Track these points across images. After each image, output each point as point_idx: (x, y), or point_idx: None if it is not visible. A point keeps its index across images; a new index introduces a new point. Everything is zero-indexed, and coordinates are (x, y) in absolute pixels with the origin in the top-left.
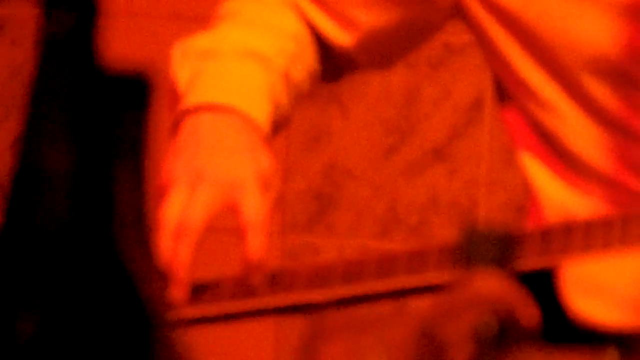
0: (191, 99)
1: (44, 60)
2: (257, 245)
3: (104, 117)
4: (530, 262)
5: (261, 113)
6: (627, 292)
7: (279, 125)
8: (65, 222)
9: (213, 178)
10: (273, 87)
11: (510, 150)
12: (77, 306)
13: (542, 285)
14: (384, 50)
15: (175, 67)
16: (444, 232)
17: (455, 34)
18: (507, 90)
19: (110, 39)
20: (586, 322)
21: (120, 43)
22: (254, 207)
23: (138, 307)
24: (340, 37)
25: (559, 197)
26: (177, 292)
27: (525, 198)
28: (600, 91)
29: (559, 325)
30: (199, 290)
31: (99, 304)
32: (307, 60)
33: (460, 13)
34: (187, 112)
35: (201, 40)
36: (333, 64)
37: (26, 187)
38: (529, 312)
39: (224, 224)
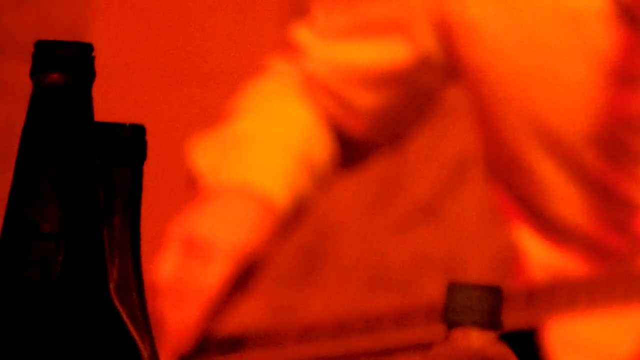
0: (211, 180)
1: (35, 116)
2: (195, 316)
3: (96, 172)
4: (516, 319)
5: (281, 194)
6: (610, 350)
7: (304, 208)
8: (56, 278)
9: (202, 244)
10: (294, 171)
11: (499, 207)
12: None
13: (528, 343)
14: (394, 126)
15: (195, 159)
16: (433, 289)
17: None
18: (492, 159)
19: (102, 95)
20: None
21: (112, 99)
22: (210, 282)
23: None
24: (351, 121)
25: (544, 258)
26: (168, 354)
27: (513, 255)
28: (585, 155)
29: None
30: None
31: (91, 359)
32: (324, 146)
33: (454, 75)
34: (206, 191)
35: (218, 133)
36: (350, 150)
37: (17, 242)
38: None
39: None
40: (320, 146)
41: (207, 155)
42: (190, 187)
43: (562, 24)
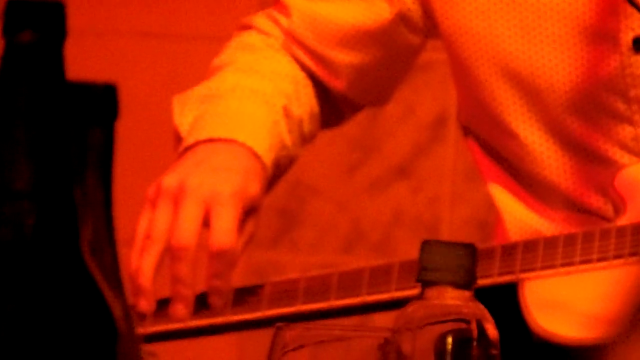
0: (193, 137)
1: (7, 75)
2: (220, 270)
3: (69, 133)
4: (493, 277)
5: (263, 147)
6: (586, 307)
7: (284, 164)
8: (27, 237)
9: (194, 192)
10: (276, 124)
11: (474, 167)
12: (42, 320)
13: (505, 300)
14: (374, 84)
15: (177, 115)
16: (408, 248)
17: None
18: (472, 119)
19: (75, 56)
20: (547, 335)
21: (85, 60)
22: (224, 228)
23: (103, 322)
24: (332, 79)
25: (522, 219)
26: (181, 306)
27: (489, 214)
28: (564, 115)
29: (521, 338)
30: (164, 305)
31: (64, 317)
32: (306, 101)
33: (435, 33)
34: (189, 147)
35: (200, 89)
36: (332, 107)
37: None
38: (489, 327)
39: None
40: (301, 102)
41: (190, 114)
42: (176, 147)
43: None
